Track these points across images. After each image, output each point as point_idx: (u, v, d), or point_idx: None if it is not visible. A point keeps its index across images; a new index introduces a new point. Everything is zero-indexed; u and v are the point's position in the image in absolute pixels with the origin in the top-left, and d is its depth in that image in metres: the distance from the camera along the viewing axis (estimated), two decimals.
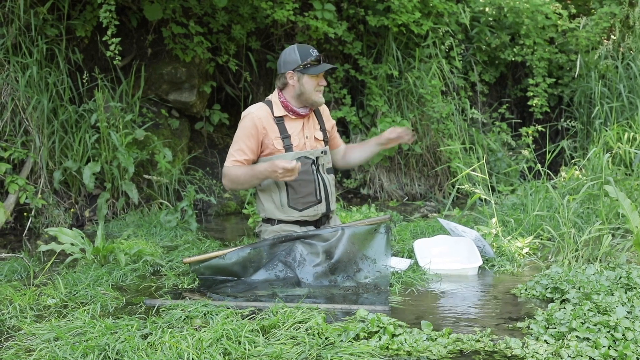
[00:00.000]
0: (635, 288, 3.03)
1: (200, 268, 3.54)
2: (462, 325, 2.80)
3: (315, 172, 3.90)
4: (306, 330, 2.63)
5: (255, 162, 3.88)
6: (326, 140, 4.07)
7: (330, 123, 4.17)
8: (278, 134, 3.83)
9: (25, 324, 2.83)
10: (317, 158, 3.92)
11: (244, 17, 6.43)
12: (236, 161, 3.82)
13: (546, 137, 6.98)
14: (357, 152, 4.29)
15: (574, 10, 7.74)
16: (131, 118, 5.77)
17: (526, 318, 2.83)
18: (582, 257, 3.67)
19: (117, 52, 5.41)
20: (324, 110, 4.15)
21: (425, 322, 2.70)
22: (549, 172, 4.95)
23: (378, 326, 2.65)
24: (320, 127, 4.04)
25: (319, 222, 4.00)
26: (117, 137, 5.50)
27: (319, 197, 3.91)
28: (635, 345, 2.45)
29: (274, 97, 3.93)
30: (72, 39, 5.97)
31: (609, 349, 2.43)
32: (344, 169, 6.78)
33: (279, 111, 3.87)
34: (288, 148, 3.84)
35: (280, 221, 3.92)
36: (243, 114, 3.90)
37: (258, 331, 2.60)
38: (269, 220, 3.96)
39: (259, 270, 3.51)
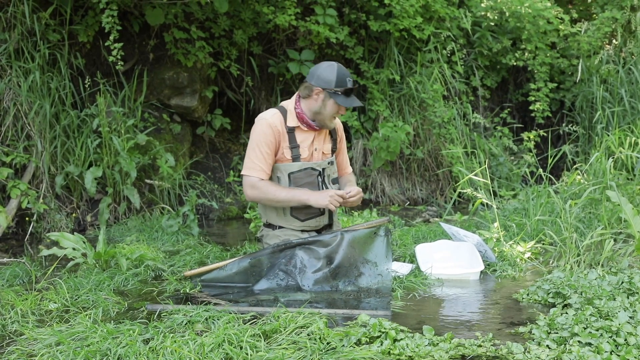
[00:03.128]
0: (637, 293, 3.02)
1: (201, 280, 3.55)
2: (464, 330, 2.80)
3: (320, 183, 3.87)
4: (308, 335, 2.63)
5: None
6: (334, 150, 4.03)
7: (341, 137, 4.11)
8: (288, 143, 3.80)
9: (27, 328, 2.83)
10: (323, 169, 3.89)
11: (246, 22, 6.45)
12: (262, 171, 3.73)
13: (548, 142, 6.99)
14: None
15: (575, 15, 7.75)
16: (133, 123, 5.78)
17: (528, 323, 2.83)
18: (584, 262, 3.67)
19: (119, 57, 5.42)
20: (339, 126, 4.11)
21: (427, 327, 2.70)
22: (550, 176, 4.95)
23: (380, 331, 2.65)
24: (332, 137, 4.00)
25: (321, 230, 3.99)
26: (119, 141, 5.50)
27: (322, 209, 3.90)
28: (638, 350, 2.45)
29: (289, 104, 3.87)
30: (74, 44, 5.98)
31: (611, 354, 2.43)
32: None
33: (292, 121, 3.81)
34: (295, 158, 3.80)
35: (282, 227, 3.91)
36: (257, 119, 3.83)
37: (260, 336, 2.60)
38: (270, 225, 3.96)
39: (260, 280, 3.50)
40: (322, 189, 3.86)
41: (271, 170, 3.81)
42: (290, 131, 3.80)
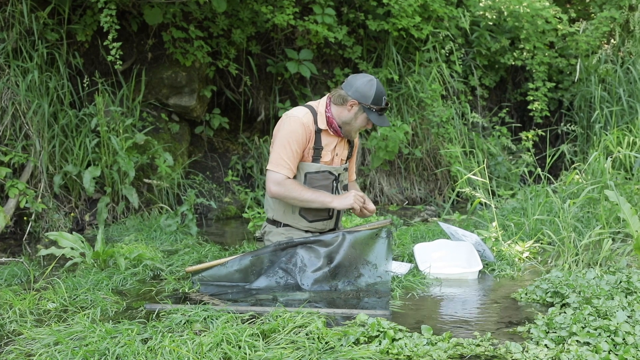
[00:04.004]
0: (635, 292, 3.03)
1: (201, 276, 3.54)
2: (462, 329, 2.80)
3: (334, 188, 3.86)
4: (306, 334, 2.63)
5: None
6: (349, 157, 4.02)
7: (356, 145, 4.11)
8: (313, 144, 3.78)
9: (25, 328, 2.83)
10: (339, 175, 3.88)
11: (244, 21, 6.45)
12: (289, 169, 3.69)
13: (546, 141, 6.99)
14: None
15: (573, 15, 7.76)
16: (131, 122, 5.77)
17: (526, 322, 2.83)
18: (582, 261, 3.67)
19: (118, 56, 5.42)
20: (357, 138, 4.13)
21: (426, 326, 2.70)
22: (549, 176, 4.95)
23: (378, 330, 2.65)
24: (349, 145, 3.99)
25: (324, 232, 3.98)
26: (117, 141, 5.50)
27: (331, 213, 3.89)
28: (636, 349, 2.45)
29: (320, 106, 3.83)
30: (73, 44, 5.98)
31: (609, 353, 2.43)
32: None
33: (322, 124, 3.78)
34: (316, 159, 3.79)
35: (287, 225, 3.90)
36: (287, 115, 3.79)
37: (258, 335, 2.60)
38: (274, 222, 3.94)
39: (259, 277, 3.50)
40: (335, 194, 3.85)
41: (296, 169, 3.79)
42: (318, 132, 3.78)
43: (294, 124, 3.69)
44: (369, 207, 3.78)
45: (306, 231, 3.89)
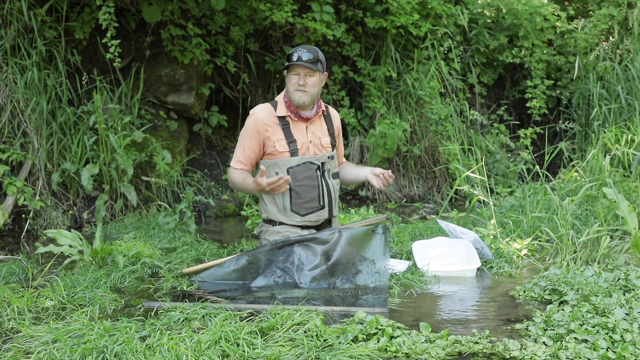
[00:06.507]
0: (633, 290, 3.03)
1: (199, 277, 3.54)
2: (461, 327, 2.80)
3: (319, 177, 3.87)
4: (305, 332, 2.63)
5: (257, 161, 3.91)
6: (334, 145, 4.03)
7: (338, 129, 4.11)
8: (282, 137, 3.81)
9: (23, 326, 2.83)
10: (322, 164, 3.89)
11: (243, 18, 6.44)
12: (239, 162, 3.86)
13: (545, 139, 6.99)
14: (350, 174, 4.19)
15: (572, 12, 7.76)
16: (130, 120, 5.77)
17: (524, 320, 2.83)
18: (580, 258, 3.67)
19: (117, 54, 5.40)
20: (335, 116, 4.13)
21: (424, 324, 2.70)
22: (547, 173, 4.96)
23: (376, 328, 2.65)
24: (329, 132, 4.01)
25: (321, 227, 3.99)
26: (115, 138, 5.50)
27: (322, 203, 3.90)
28: (634, 347, 2.45)
29: (280, 96, 3.94)
30: (71, 41, 5.97)
31: (607, 350, 2.43)
32: None
33: (282, 111, 3.85)
34: (294, 153, 3.81)
35: (281, 223, 3.91)
36: (250, 112, 3.93)
37: (256, 333, 2.60)
38: (270, 222, 3.96)
39: (257, 277, 3.50)
40: (322, 183, 3.87)
41: (252, 164, 3.90)
42: (284, 124, 3.83)
43: (249, 121, 3.87)
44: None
45: (302, 227, 3.89)
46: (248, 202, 5.91)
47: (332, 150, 3.99)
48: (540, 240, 4.08)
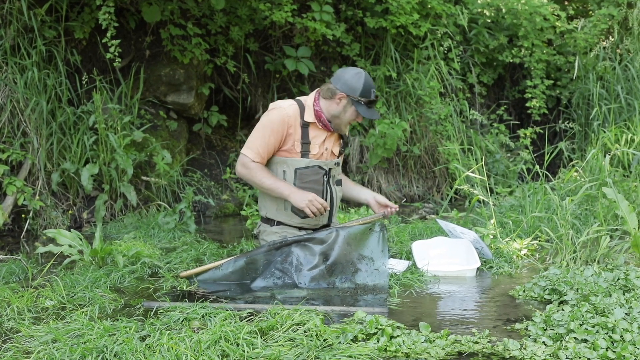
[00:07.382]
0: (633, 289, 3.03)
1: (198, 279, 3.54)
2: (460, 326, 2.80)
3: (325, 183, 3.86)
4: (304, 332, 2.63)
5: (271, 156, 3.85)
6: (341, 152, 4.04)
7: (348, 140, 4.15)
8: (300, 137, 3.79)
9: (23, 326, 2.83)
10: (330, 169, 3.89)
11: (242, 18, 6.44)
12: (258, 154, 3.75)
13: (544, 139, 6.99)
14: (350, 192, 4.17)
15: (572, 12, 7.76)
16: (129, 120, 5.77)
17: (524, 319, 2.83)
18: (580, 258, 3.68)
19: (117, 54, 5.40)
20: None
21: (424, 323, 2.70)
22: (547, 173, 4.96)
23: (376, 328, 2.65)
24: (340, 144, 4.01)
25: (319, 229, 3.98)
26: (115, 138, 5.49)
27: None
28: (634, 346, 2.45)
29: (308, 100, 3.86)
30: (71, 41, 5.96)
31: (607, 350, 2.43)
32: None
33: (310, 117, 3.80)
34: (305, 154, 3.80)
35: (280, 223, 3.91)
36: (272, 105, 3.85)
37: (256, 333, 2.60)
38: (268, 221, 3.95)
39: (256, 279, 3.50)
40: (326, 189, 3.86)
41: (268, 158, 3.82)
42: (305, 126, 3.80)
43: (275, 114, 3.76)
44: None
45: (300, 228, 3.89)
46: (248, 202, 5.91)
47: (339, 158, 4.00)
48: (540, 240, 4.08)
